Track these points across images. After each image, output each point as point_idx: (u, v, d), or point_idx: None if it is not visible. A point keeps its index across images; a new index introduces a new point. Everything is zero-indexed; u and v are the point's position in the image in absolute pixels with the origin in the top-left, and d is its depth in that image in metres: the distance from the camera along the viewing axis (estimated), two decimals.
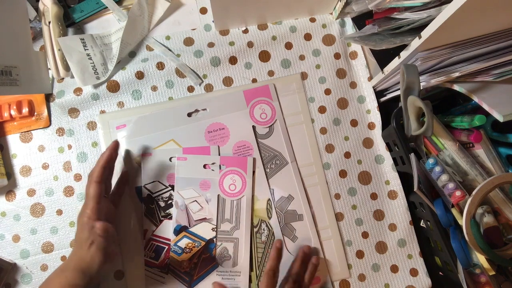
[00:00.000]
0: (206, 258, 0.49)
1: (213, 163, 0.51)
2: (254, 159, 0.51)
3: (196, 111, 0.53)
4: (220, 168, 0.51)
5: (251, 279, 0.49)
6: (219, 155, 0.52)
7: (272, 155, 0.52)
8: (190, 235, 0.49)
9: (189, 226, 0.49)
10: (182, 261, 0.48)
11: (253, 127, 0.52)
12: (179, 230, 0.49)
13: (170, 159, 0.51)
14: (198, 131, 0.52)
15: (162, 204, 0.50)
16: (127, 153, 0.52)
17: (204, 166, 0.51)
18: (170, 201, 0.50)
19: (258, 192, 0.51)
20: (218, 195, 0.50)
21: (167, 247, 0.49)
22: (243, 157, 0.51)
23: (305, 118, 0.55)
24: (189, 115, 0.52)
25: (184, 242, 0.49)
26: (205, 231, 0.49)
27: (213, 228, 0.49)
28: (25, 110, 0.53)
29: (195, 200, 0.50)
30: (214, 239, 0.49)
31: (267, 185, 0.51)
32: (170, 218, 0.50)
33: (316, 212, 0.53)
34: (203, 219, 0.50)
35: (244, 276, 0.49)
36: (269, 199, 0.51)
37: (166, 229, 0.50)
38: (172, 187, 0.51)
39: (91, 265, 0.41)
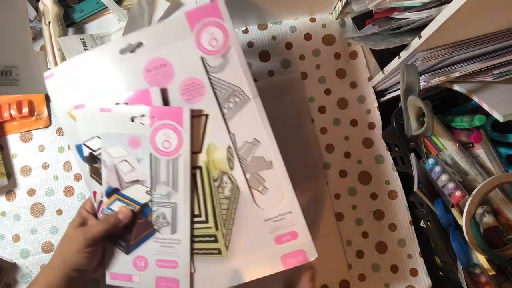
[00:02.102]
0: (141, 223, 0.44)
1: (142, 115, 0.42)
2: (205, 121, 0.42)
3: (130, 46, 0.42)
4: (151, 121, 0.42)
5: (217, 239, 0.42)
6: (167, 104, 0.42)
7: (229, 92, 0.42)
8: (122, 198, 0.44)
9: (121, 188, 0.43)
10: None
11: (202, 58, 0.41)
12: (111, 192, 0.44)
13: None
14: (135, 71, 0.42)
15: None
16: (59, 103, 0.44)
17: (132, 119, 0.42)
18: None
19: (216, 138, 0.42)
20: (151, 154, 0.42)
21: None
22: (176, 107, 0.42)
23: (305, 118, 0.55)
24: (122, 52, 0.42)
25: (116, 206, 0.44)
26: (138, 194, 0.43)
27: (147, 191, 0.43)
28: (25, 110, 0.53)
29: (125, 160, 0.43)
30: (150, 203, 0.43)
31: (226, 129, 0.42)
32: None
33: (316, 211, 0.53)
34: (136, 181, 0.43)
35: (184, 245, 0.43)
36: (229, 146, 0.42)
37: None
38: None
39: (75, 252, 0.39)
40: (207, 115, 0.42)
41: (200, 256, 0.42)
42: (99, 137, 0.43)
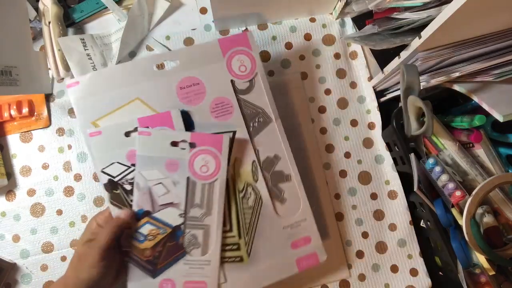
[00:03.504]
0: (172, 246, 0.44)
1: (182, 141, 0.44)
2: (232, 137, 0.46)
3: (164, 63, 0.47)
4: (190, 146, 0.44)
5: (240, 247, 0.45)
6: (191, 125, 0.45)
7: (254, 112, 0.47)
8: (154, 221, 0.44)
9: (153, 211, 0.44)
10: (144, 249, 0.44)
11: (232, 81, 0.46)
12: (142, 215, 0.44)
13: (126, 134, 0.44)
14: (169, 88, 0.45)
15: (128, 187, 0.44)
16: (83, 118, 0.44)
17: (173, 144, 0.44)
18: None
19: (242, 154, 0.46)
20: (188, 178, 0.44)
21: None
22: (218, 134, 0.45)
23: (305, 118, 0.55)
24: (158, 68, 0.46)
25: (147, 229, 0.44)
26: (171, 217, 0.44)
27: (180, 214, 0.44)
28: (25, 110, 0.53)
29: (160, 183, 0.44)
30: (182, 226, 0.44)
31: (251, 145, 0.46)
32: None
33: (316, 211, 0.53)
34: (169, 204, 0.44)
35: (214, 265, 0.44)
36: (254, 161, 0.46)
37: None
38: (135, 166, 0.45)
39: (86, 270, 0.38)
40: (234, 132, 0.46)
41: (224, 264, 0.44)
42: (119, 163, 0.44)
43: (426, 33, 0.39)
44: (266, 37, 0.57)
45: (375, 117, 0.56)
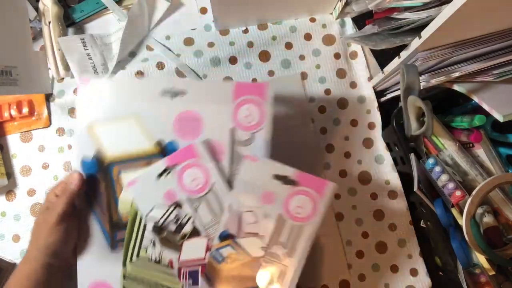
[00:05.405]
0: (248, 275, 0.43)
1: (285, 176, 0.42)
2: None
3: (174, 90, 0.44)
4: (291, 183, 0.42)
5: None
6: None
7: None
8: (236, 245, 0.43)
9: (237, 236, 0.43)
10: (220, 270, 0.43)
11: (232, 129, 0.43)
12: (225, 236, 0.43)
13: (159, 176, 0.43)
14: (167, 115, 0.43)
15: (173, 227, 0.44)
16: (83, 114, 0.43)
17: (275, 177, 0.42)
18: (180, 221, 0.44)
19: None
20: (279, 214, 0.42)
21: (200, 268, 0.43)
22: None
23: (305, 118, 0.55)
24: (163, 94, 0.43)
25: (227, 251, 0.43)
26: (253, 247, 0.43)
27: (263, 247, 0.42)
28: (25, 110, 0.53)
29: (252, 211, 0.43)
30: (261, 259, 0.42)
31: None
32: (189, 238, 0.44)
33: None
34: (255, 234, 0.43)
35: None
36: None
37: (191, 250, 0.43)
38: (174, 204, 0.43)
39: (48, 234, 0.39)
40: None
41: None
42: (158, 206, 0.43)
43: (426, 33, 0.39)
44: (266, 37, 0.57)
45: (375, 117, 0.56)
